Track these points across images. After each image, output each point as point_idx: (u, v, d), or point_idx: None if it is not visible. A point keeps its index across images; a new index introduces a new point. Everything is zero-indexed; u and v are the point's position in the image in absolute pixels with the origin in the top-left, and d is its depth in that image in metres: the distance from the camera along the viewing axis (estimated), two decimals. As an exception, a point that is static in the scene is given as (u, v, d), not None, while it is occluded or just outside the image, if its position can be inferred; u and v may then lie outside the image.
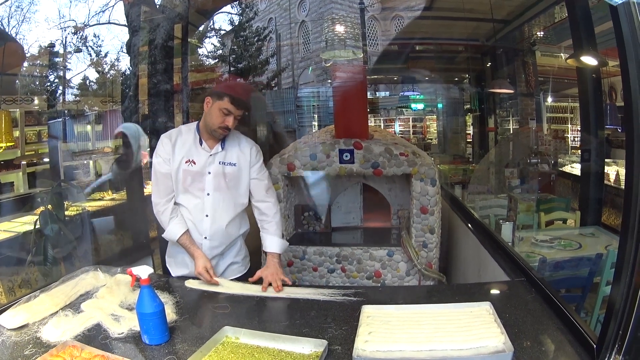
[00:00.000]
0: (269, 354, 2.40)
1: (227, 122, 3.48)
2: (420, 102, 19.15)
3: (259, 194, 3.82)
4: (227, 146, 3.70)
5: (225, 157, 3.69)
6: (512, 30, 10.62)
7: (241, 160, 3.73)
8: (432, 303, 2.77)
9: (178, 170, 3.64)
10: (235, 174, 3.72)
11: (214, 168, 3.65)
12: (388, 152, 5.19)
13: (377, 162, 5.23)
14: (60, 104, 9.80)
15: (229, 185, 3.71)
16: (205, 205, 3.68)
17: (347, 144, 5.29)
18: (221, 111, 3.47)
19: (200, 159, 3.64)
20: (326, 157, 5.34)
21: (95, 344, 2.51)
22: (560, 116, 11.49)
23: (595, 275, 4.53)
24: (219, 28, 16.04)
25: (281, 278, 3.47)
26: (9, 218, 7.72)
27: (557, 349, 2.30)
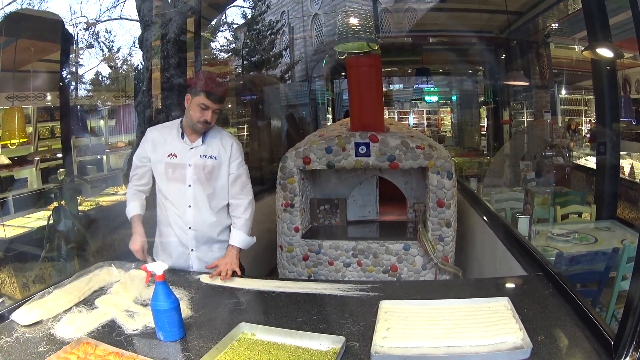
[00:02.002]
0: (285, 350, 2.38)
1: (206, 116, 3.65)
2: (434, 94, 19.10)
3: (234, 191, 3.96)
4: (207, 140, 3.85)
5: (206, 150, 3.84)
6: (526, 22, 10.58)
7: (222, 154, 3.87)
8: (449, 298, 2.76)
9: (160, 162, 3.85)
10: (215, 166, 3.86)
11: (194, 160, 3.81)
12: (404, 145, 5.16)
13: (393, 155, 5.20)
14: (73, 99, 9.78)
15: (209, 177, 3.85)
16: (187, 196, 3.83)
17: (362, 137, 5.26)
18: (199, 106, 3.64)
19: (181, 152, 3.82)
20: (342, 151, 5.32)
21: (109, 341, 2.51)
22: (575, 109, 11.43)
23: (611, 270, 4.50)
24: (232, 22, 16.01)
25: (232, 269, 3.64)
26: (23, 214, 7.76)
27: (574, 345, 2.28)
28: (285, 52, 17.63)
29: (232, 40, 15.99)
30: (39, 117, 9.61)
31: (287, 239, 5.58)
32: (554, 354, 2.18)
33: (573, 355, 2.22)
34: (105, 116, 11.55)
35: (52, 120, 9.83)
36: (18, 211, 8.07)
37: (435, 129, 19.85)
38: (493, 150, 12.51)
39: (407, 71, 17.70)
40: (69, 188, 6.01)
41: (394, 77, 19.22)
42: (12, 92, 8.49)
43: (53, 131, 9.85)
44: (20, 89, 8.77)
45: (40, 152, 9.47)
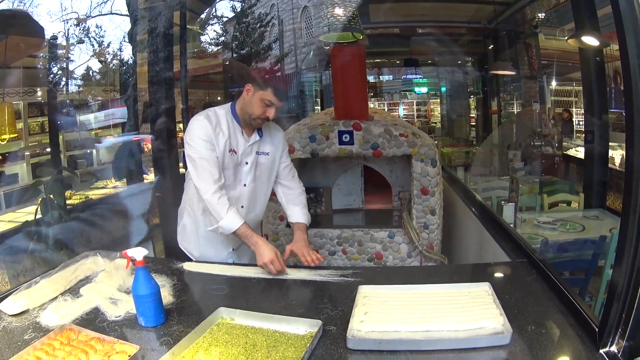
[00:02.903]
0: (263, 334, 2.41)
1: (269, 113, 3.37)
2: (423, 85, 19.10)
3: (285, 177, 3.82)
4: (263, 135, 3.61)
5: (260, 146, 3.62)
6: (514, 12, 10.60)
7: (274, 150, 3.69)
8: (431, 283, 2.77)
9: (222, 158, 3.43)
10: (268, 164, 3.68)
11: (251, 158, 3.58)
12: (388, 133, 5.19)
13: (377, 143, 5.23)
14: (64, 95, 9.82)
15: (261, 175, 3.67)
16: (242, 197, 3.61)
17: (346, 125, 5.29)
18: (263, 102, 3.34)
19: (239, 148, 3.51)
20: (325, 139, 5.34)
21: (92, 327, 2.53)
22: (565, 99, 11.46)
23: (599, 258, 4.51)
24: (222, 15, 16.00)
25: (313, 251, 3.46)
26: (13, 209, 7.80)
27: (558, 332, 2.29)
28: (275, 44, 17.61)
29: (222, 33, 15.99)
30: (29, 113, 9.63)
31: (273, 227, 5.62)
32: (536, 340, 2.19)
33: (556, 341, 2.22)
34: (95, 110, 11.55)
35: (42, 116, 9.86)
36: (9, 206, 8.12)
37: (425, 120, 19.85)
38: (482, 141, 12.55)
39: (395, 62, 17.72)
40: (56, 180, 6.04)
41: (383, 68, 19.21)
42: (2, 89, 8.51)
43: (43, 126, 9.88)
44: (10, 85, 8.80)
45: (30, 147, 9.50)
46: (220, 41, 15.92)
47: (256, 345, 2.30)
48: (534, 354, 2.09)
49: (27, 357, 2.29)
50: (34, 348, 2.36)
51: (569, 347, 2.17)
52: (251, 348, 2.28)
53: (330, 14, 5.75)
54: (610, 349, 2.02)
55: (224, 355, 2.23)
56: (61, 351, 2.32)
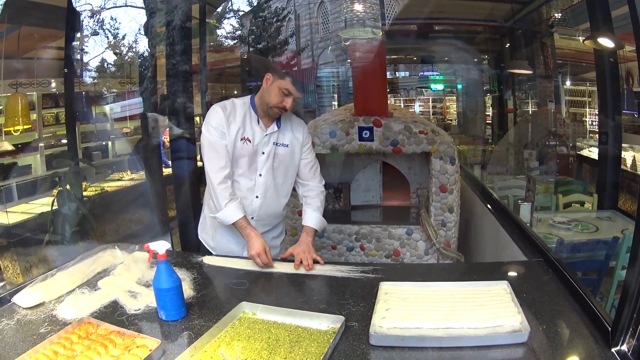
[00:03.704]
0: (285, 329, 2.40)
1: (286, 102, 3.39)
2: (439, 82, 19.08)
3: (307, 175, 3.78)
4: (282, 126, 3.63)
5: (279, 137, 3.62)
6: (531, 11, 10.55)
7: (293, 142, 3.68)
8: (449, 281, 2.76)
9: (232, 146, 3.50)
10: (287, 155, 3.67)
11: (268, 149, 3.58)
12: (407, 130, 5.18)
13: (397, 140, 5.23)
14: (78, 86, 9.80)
15: (279, 166, 3.66)
16: (256, 186, 3.63)
17: (366, 122, 5.29)
18: (281, 91, 3.37)
19: (255, 137, 3.55)
20: (345, 135, 5.35)
21: (111, 321, 2.52)
22: (579, 100, 11.41)
23: (611, 259, 4.53)
24: (238, 9, 16.01)
25: (313, 257, 3.40)
26: (26, 200, 7.79)
27: (572, 331, 2.29)
28: (291, 39, 17.62)
29: (238, 27, 16.00)
30: (43, 104, 9.62)
31: (291, 222, 5.63)
32: (551, 338, 2.20)
33: (571, 340, 2.24)
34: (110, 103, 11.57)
35: (57, 107, 9.85)
36: (21, 198, 8.11)
37: (441, 117, 19.81)
38: (497, 139, 12.52)
39: (412, 59, 17.69)
40: (73, 172, 6.03)
41: (400, 65, 19.20)
42: (16, 79, 8.50)
43: (58, 118, 9.87)
44: (24, 76, 8.79)
45: (44, 139, 9.50)
46: (236, 35, 15.93)
47: (279, 340, 2.30)
48: (549, 352, 2.10)
49: (43, 351, 2.27)
50: (51, 342, 2.34)
51: (583, 345, 2.18)
52: (274, 343, 2.28)
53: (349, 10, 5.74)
54: (621, 348, 2.04)
55: (247, 350, 2.22)
56: (79, 345, 2.30)
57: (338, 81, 17.12)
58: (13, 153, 8.67)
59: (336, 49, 16.17)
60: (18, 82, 8.55)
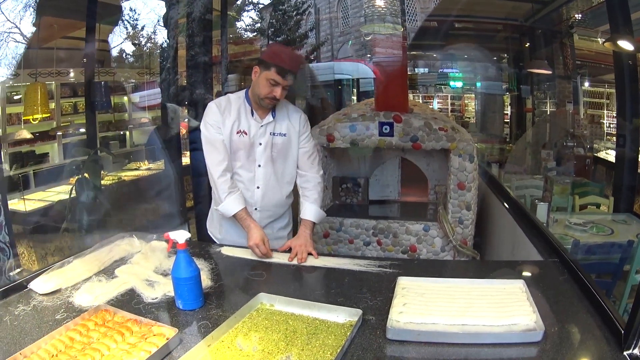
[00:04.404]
0: (303, 321, 2.42)
1: (275, 92, 3.42)
2: (459, 80, 18.99)
3: (305, 165, 3.80)
4: (277, 116, 3.67)
5: (275, 127, 3.67)
6: (551, 11, 10.51)
7: (290, 131, 3.71)
8: (466, 278, 2.78)
9: (229, 139, 3.59)
10: (285, 144, 3.70)
11: (264, 139, 3.63)
12: (427, 126, 5.17)
13: (416, 136, 5.22)
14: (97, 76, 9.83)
15: (278, 156, 3.70)
16: (256, 177, 3.69)
17: (387, 117, 5.28)
18: (268, 81, 3.40)
19: (251, 129, 3.61)
20: (366, 130, 5.34)
21: (128, 309, 2.54)
22: (597, 101, 11.36)
23: (625, 263, 4.51)
24: (257, 1, 16.02)
25: (309, 250, 3.46)
26: (43, 188, 7.83)
27: (585, 332, 2.29)
28: (311, 32, 17.60)
29: (258, 20, 16.01)
30: (61, 93, 9.66)
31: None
32: (565, 338, 2.21)
33: (584, 341, 2.24)
34: (128, 93, 11.62)
35: (75, 97, 9.90)
36: (39, 185, 8.16)
37: (459, 114, 19.72)
38: (515, 138, 12.50)
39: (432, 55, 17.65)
40: (92, 160, 6.05)
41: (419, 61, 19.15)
42: (36, 69, 8.54)
43: (76, 107, 9.93)
44: (43, 65, 8.83)
45: (62, 127, 9.54)
46: (256, 28, 15.93)
47: (296, 332, 2.32)
48: (562, 352, 2.11)
49: (59, 337, 2.29)
50: (67, 328, 2.35)
51: (595, 347, 2.18)
52: (291, 334, 2.30)
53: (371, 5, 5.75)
54: (633, 352, 2.04)
55: (264, 341, 2.24)
56: (96, 332, 2.32)
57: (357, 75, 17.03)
58: (31, 141, 8.72)
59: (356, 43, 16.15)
60: (38, 72, 8.59)
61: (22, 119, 8.41)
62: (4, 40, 7.10)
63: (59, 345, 2.21)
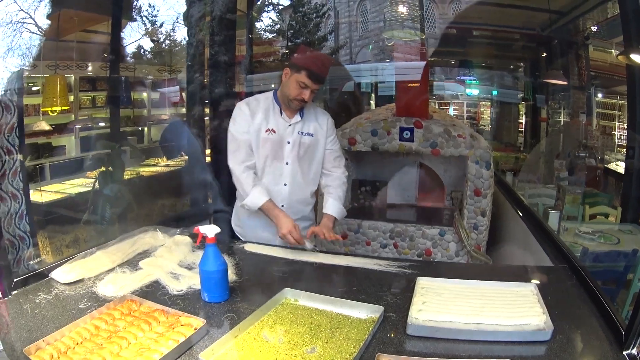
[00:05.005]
0: (327, 316, 2.49)
1: (304, 95, 3.53)
2: (475, 87, 18.92)
3: (330, 163, 3.91)
4: (305, 116, 3.77)
5: (303, 127, 3.77)
6: (568, 22, 10.50)
7: (318, 132, 3.83)
8: (481, 280, 2.86)
9: (257, 138, 3.70)
10: (312, 144, 3.81)
11: (293, 138, 3.74)
12: (447, 132, 5.24)
13: (436, 142, 5.30)
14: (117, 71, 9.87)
15: (305, 155, 3.81)
16: (284, 174, 3.79)
17: (407, 123, 5.36)
18: (298, 84, 3.51)
19: (279, 128, 3.72)
20: (387, 134, 5.43)
21: (153, 300, 2.59)
22: (609, 112, 11.34)
23: (629, 272, 4.61)
24: (277, 2, 16.00)
25: (330, 234, 3.60)
26: (59, 180, 7.85)
27: (590, 333, 2.39)
28: (330, 36, 17.57)
29: (277, 21, 16.01)
30: (80, 87, 9.69)
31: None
32: (571, 338, 2.31)
33: (588, 341, 2.34)
34: (148, 89, 11.65)
35: (94, 90, 9.93)
36: (54, 178, 8.18)
37: (474, 122, 19.67)
38: (529, 147, 12.48)
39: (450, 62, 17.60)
40: (117, 154, 6.09)
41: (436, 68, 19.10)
42: (55, 61, 8.57)
43: (94, 101, 9.94)
44: (62, 58, 8.87)
45: (80, 121, 9.57)
46: (275, 29, 15.93)
47: (320, 326, 2.39)
48: (568, 351, 2.22)
49: (84, 325, 2.35)
50: (92, 317, 2.42)
51: (599, 347, 2.28)
52: (316, 328, 2.37)
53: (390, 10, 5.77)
54: (632, 351, 2.15)
55: (289, 333, 2.31)
56: (122, 321, 2.38)
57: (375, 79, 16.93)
58: (48, 133, 8.75)
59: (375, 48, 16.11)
60: (57, 64, 8.62)
61: (41, 110, 8.45)
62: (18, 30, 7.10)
63: (84, 333, 2.27)
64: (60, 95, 8.22)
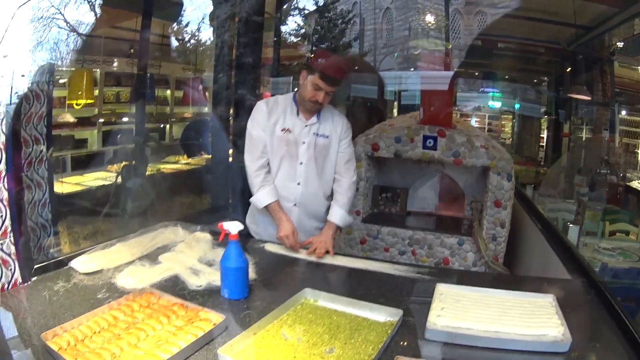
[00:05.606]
0: (346, 317, 2.52)
1: (317, 97, 3.58)
2: (498, 100, 18.82)
3: (340, 168, 3.92)
4: (321, 118, 3.82)
5: (319, 129, 3.82)
6: (593, 37, 10.45)
7: (332, 134, 3.86)
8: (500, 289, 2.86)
9: (273, 136, 3.78)
10: (326, 146, 3.86)
11: (308, 138, 3.79)
12: (470, 142, 5.24)
13: (458, 152, 5.29)
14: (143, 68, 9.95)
15: (319, 156, 3.85)
16: (298, 173, 3.85)
17: (431, 131, 5.36)
18: (313, 86, 3.56)
19: (296, 128, 3.78)
20: (410, 142, 5.42)
21: (172, 294, 2.62)
22: (633, 130, 11.27)
23: (649, 290, 4.51)
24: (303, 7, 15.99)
25: (327, 248, 3.61)
26: (80, 172, 7.90)
27: (609, 348, 2.36)
28: (355, 42, 17.56)
29: (303, 25, 16.02)
30: (105, 82, 9.76)
31: (346, 220, 5.65)
32: (590, 352, 2.31)
33: (606, 355, 2.31)
34: (172, 87, 11.73)
35: (119, 86, 10.00)
36: (75, 170, 8.24)
37: (495, 134, 19.60)
38: (550, 162, 12.43)
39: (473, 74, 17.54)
40: (141, 149, 6.14)
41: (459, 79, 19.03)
42: (83, 55, 8.65)
43: (119, 96, 10.02)
44: (90, 53, 8.95)
45: (104, 115, 9.64)
46: (300, 33, 15.95)
47: (340, 327, 2.42)
48: None
49: (102, 315, 2.38)
50: (110, 307, 2.45)
51: None
52: (335, 328, 2.40)
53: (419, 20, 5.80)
54: None
55: (308, 333, 2.34)
56: (141, 313, 2.41)
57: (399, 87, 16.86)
58: (72, 126, 8.82)
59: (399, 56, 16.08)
60: (84, 58, 8.70)
61: (66, 102, 8.52)
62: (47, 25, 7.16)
63: (102, 322, 2.30)
64: (86, 89, 8.31)
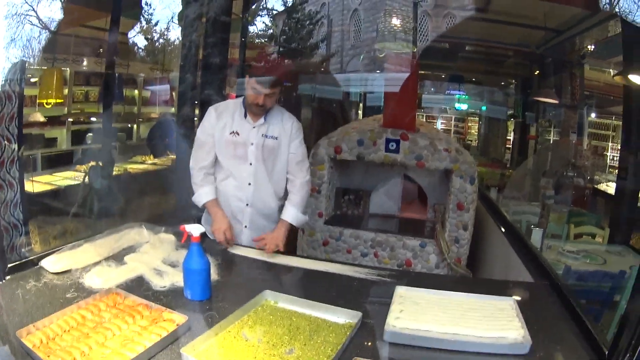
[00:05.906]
0: (305, 319, 2.55)
1: (258, 99, 3.67)
2: (464, 102, 18.84)
3: (292, 169, 3.98)
4: (269, 119, 3.88)
5: (268, 130, 3.88)
6: (564, 40, 10.49)
7: (282, 135, 3.91)
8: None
9: (221, 139, 3.88)
10: (275, 147, 3.90)
11: (256, 140, 3.85)
12: (432, 146, 5.30)
13: (421, 155, 5.35)
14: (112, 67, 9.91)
15: (269, 156, 3.91)
16: (248, 174, 3.91)
17: (394, 134, 5.42)
18: (252, 89, 3.68)
19: (243, 130, 3.86)
20: (373, 145, 5.48)
21: (137, 294, 2.64)
22: (602, 133, 11.34)
23: (616, 293, 4.58)
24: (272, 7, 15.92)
25: (277, 244, 3.70)
26: (49, 172, 7.87)
27: (570, 351, 2.40)
28: (322, 43, 17.53)
29: (271, 26, 15.97)
30: (74, 81, 9.73)
31: (310, 223, 5.70)
32: (551, 354, 2.34)
33: (568, 359, 2.36)
34: (139, 86, 11.69)
35: (88, 85, 9.97)
36: (45, 169, 8.22)
37: (461, 136, 19.65)
38: (516, 164, 12.48)
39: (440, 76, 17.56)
40: (107, 150, 6.15)
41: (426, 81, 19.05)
42: (53, 54, 8.63)
43: (87, 95, 9.98)
44: (60, 51, 8.92)
45: (73, 114, 9.61)
46: (267, 34, 15.90)
47: (299, 328, 2.45)
48: None
49: (71, 314, 2.41)
50: (78, 307, 2.48)
51: None
52: (294, 330, 2.43)
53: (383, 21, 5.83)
54: None
55: (269, 334, 2.37)
56: (107, 313, 2.44)
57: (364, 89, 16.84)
58: (42, 125, 8.79)
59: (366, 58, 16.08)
60: (54, 57, 8.68)
61: (37, 102, 8.50)
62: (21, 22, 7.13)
63: (71, 321, 2.34)
64: (56, 88, 8.29)
